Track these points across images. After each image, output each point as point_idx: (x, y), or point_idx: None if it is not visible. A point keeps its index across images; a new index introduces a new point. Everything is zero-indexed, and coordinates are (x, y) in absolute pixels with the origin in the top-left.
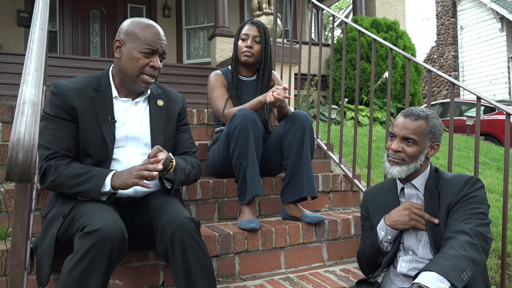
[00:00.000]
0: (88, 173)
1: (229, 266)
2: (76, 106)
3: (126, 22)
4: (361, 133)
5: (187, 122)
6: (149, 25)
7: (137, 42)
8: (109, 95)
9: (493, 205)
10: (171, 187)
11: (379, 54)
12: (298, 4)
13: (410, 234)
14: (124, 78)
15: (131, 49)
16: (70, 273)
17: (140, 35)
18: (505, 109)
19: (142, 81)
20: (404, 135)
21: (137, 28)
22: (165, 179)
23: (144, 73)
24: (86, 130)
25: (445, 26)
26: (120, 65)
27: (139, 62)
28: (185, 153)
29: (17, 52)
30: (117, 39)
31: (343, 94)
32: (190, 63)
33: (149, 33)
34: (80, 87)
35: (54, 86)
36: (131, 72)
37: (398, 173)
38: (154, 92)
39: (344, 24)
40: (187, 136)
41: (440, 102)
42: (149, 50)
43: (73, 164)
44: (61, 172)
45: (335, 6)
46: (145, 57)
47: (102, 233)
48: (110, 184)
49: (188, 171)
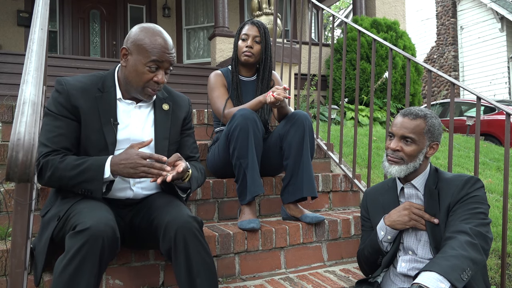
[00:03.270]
0: (85, 163)
1: (229, 266)
2: (79, 106)
3: (135, 29)
4: (361, 133)
5: (192, 126)
6: (158, 37)
7: (144, 55)
8: (113, 96)
9: (493, 205)
10: (185, 196)
11: (379, 54)
12: (298, 4)
13: (410, 234)
14: (128, 86)
15: (137, 61)
16: (62, 273)
17: (148, 47)
18: (505, 109)
19: (145, 93)
20: (402, 134)
21: (145, 39)
22: (178, 188)
23: (148, 87)
24: (88, 131)
25: (445, 26)
26: (125, 73)
27: (144, 76)
28: (189, 158)
29: (17, 52)
30: (124, 46)
31: (343, 94)
32: (190, 63)
33: (157, 46)
34: (85, 86)
35: (59, 83)
36: (135, 83)
37: (397, 172)
38: (160, 96)
39: (344, 24)
40: (191, 141)
41: (440, 102)
42: (155, 65)
43: (69, 156)
44: (57, 166)
45: (335, 6)
46: (150, 71)
47: (92, 231)
48: (109, 171)
49: (199, 179)
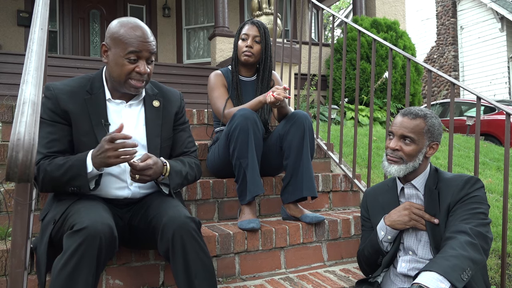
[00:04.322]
0: (69, 161)
1: (229, 266)
2: (69, 110)
3: (112, 24)
4: (361, 133)
5: (186, 121)
6: (134, 27)
7: (121, 47)
8: (102, 97)
9: (493, 205)
10: (168, 191)
11: (379, 54)
12: (298, 4)
13: (410, 234)
14: (113, 82)
15: (116, 54)
16: (59, 272)
17: (124, 39)
18: (505, 109)
19: (130, 86)
20: (402, 134)
21: (121, 31)
22: (161, 184)
23: (131, 78)
24: (79, 134)
25: (445, 26)
26: (108, 69)
27: (125, 68)
28: (184, 153)
29: (17, 52)
30: (103, 43)
31: (343, 94)
32: (190, 63)
33: (133, 36)
34: (73, 90)
35: (47, 89)
36: (118, 77)
37: (396, 172)
38: (149, 93)
39: (344, 24)
40: (185, 136)
41: (440, 102)
42: (134, 55)
43: (56, 158)
44: (46, 169)
45: (335, 6)
46: (130, 62)
47: (89, 231)
48: (91, 164)
49: (186, 172)
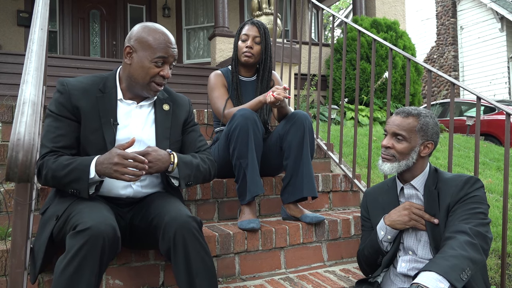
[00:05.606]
0: (74, 163)
1: (229, 266)
2: (80, 106)
3: (137, 28)
4: (361, 133)
5: (195, 123)
6: (162, 33)
7: (149, 51)
8: (114, 97)
9: (493, 205)
10: (178, 183)
11: (379, 54)
12: (298, 4)
13: (410, 234)
14: (132, 84)
15: (143, 58)
16: (62, 272)
17: (153, 43)
18: (505, 109)
19: (151, 89)
20: (394, 131)
21: (149, 36)
22: (172, 178)
23: (154, 82)
24: (87, 131)
25: (445, 26)
26: (130, 71)
27: (150, 71)
28: (196, 152)
29: (17, 52)
30: (128, 45)
31: (343, 94)
32: (190, 63)
33: (161, 42)
34: (86, 87)
35: (61, 84)
36: (141, 80)
37: (389, 169)
38: (160, 97)
39: (344, 24)
40: (196, 135)
41: (440, 102)
42: (162, 60)
43: (62, 157)
44: (50, 166)
45: (335, 6)
46: (156, 66)
47: (93, 231)
48: (94, 171)
49: (197, 164)
